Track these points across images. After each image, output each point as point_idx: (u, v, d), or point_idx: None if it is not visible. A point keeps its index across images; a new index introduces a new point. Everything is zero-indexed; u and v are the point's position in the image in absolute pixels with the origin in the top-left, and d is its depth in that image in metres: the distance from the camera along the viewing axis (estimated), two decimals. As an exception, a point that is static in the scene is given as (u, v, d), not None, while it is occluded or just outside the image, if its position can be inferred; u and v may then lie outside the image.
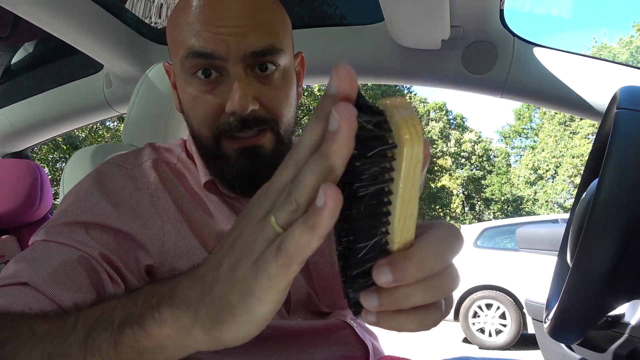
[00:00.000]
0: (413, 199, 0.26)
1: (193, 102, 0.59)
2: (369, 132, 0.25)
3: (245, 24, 0.55)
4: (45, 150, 9.14)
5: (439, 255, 0.27)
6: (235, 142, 0.59)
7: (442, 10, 0.99)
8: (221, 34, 0.55)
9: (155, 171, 0.63)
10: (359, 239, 0.27)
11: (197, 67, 0.57)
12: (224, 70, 0.57)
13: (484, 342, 4.82)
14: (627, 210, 0.53)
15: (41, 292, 0.46)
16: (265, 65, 0.58)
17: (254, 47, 0.56)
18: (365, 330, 0.74)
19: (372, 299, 0.28)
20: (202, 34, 0.55)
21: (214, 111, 0.58)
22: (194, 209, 0.62)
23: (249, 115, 0.56)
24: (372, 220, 0.26)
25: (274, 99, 0.59)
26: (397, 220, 0.26)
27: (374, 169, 0.25)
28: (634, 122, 0.56)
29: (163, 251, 0.59)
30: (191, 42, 0.56)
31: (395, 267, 0.26)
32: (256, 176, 0.60)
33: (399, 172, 0.25)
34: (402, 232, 0.27)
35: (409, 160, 0.25)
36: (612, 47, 22.39)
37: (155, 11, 1.36)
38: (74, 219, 0.54)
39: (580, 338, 0.66)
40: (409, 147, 0.24)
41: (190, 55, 0.56)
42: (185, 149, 0.69)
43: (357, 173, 0.25)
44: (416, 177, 0.26)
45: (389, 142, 0.25)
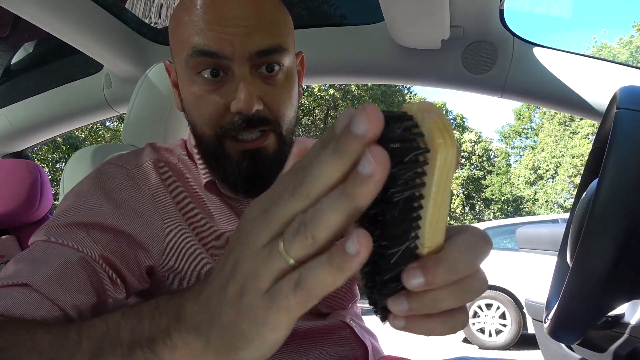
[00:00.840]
0: (445, 203, 0.26)
1: (197, 101, 0.59)
2: (402, 137, 0.24)
3: (250, 24, 0.55)
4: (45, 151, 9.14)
5: (469, 259, 0.28)
6: (239, 144, 0.59)
7: (442, 10, 0.99)
8: (226, 34, 0.55)
9: (156, 171, 0.62)
10: (392, 244, 0.26)
11: (202, 66, 0.57)
12: (229, 69, 0.57)
13: (484, 342, 4.82)
14: (627, 210, 0.53)
15: (41, 293, 0.46)
16: (272, 66, 0.58)
17: (258, 46, 0.56)
18: (365, 330, 0.74)
19: (401, 303, 0.28)
20: (206, 33, 0.55)
21: (218, 110, 0.58)
22: (194, 210, 0.62)
23: (253, 115, 0.56)
24: (404, 225, 0.26)
25: (277, 100, 0.59)
26: (428, 224, 0.26)
27: (408, 174, 0.25)
28: (634, 122, 0.56)
29: (164, 251, 0.59)
30: (196, 41, 0.56)
31: (427, 270, 0.26)
32: (259, 177, 0.60)
33: (431, 177, 0.25)
34: (433, 236, 0.27)
35: (442, 164, 0.25)
36: (612, 47, 22.40)
37: (155, 11, 1.36)
38: (75, 220, 0.53)
39: (580, 338, 0.66)
40: (442, 151, 0.24)
41: (195, 54, 0.56)
42: (185, 149, 0.69)
43: (392, 179, 0.24)
44: (448, 181, 0.26)
45: (422, 147, 0.25)
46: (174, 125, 1.02)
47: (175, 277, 0.60)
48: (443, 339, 5.31)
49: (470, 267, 0.28)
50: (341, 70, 1.27)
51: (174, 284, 0.60)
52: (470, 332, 4.90)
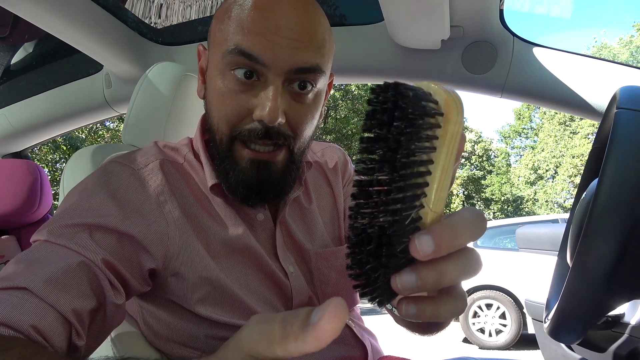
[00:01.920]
0: (450, 171, 0.28)
1: (222, 96, 0.58)
2: (415, 101, 0.26)
3: (299, 39, 0.54)
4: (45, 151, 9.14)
5: (470, 227, 0.29)
6: (250, 152, 0.58)
7: (442, 10, 0.99)
8: (272, 42, 0.54)
9: (162, 172, 0.62)
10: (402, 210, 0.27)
11: (238, 65, 0.56)
12: (263, 76, 0.56)
13: (484, 342, 4.82)
14: (627, 210, 0.53)
15: (40, 298, 0.46)
16: (304, 84, 0.57)
17: (301, 63, 0.55)
18: (364, 330, 0.74)
19: (410, 275, 0.29)
20: (253, 36, 0.54)
21: (240, 113, 0.57)
22: (199, 213, 0.62)
23: (273, 127, 0.56)
24: (414, 189, 0.27)
25: (300, 118, 0.59)
26: (435, 190, 0.28)
27: (422, 134, 0.26)
28: (634, 122, 0.56)
29: (167, 255, 0.58)
30: (238, 39, 0.55)
31: (435, 235, 0.27)
32: (260, 189, 0.60)
33: (443, 140, 0.26)
34: (438, 202, 0.28)
35: (453, 129, 0.26)
36: (612, 47, 22.39)
37: (155, 11, 1.36)
38: (78, 221, 0.53)
39: (580, 338, 0.66)
40: (454, 117, 0.26)
41: (234, 51, 0.55)
42: (192, 149, 0.68)
43: (406, 140, 0.26)
44: (455, 148, 0.27)
45: (435, 109, 0.26)
46: (174, 126, 1.01)
47: (177, 280, 0.59)
48: (443, 339, 5.30)
49: (471, 234, 0.29)
50: (341, 70, 1.27)
51: (176, 287, 0.60)
52: (470, 332, 4.90)
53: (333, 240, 0.73)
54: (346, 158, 0.82)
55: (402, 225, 0.27)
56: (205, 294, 0.60)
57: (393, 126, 0.26)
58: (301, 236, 0.69)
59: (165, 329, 0.62)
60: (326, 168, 0.78)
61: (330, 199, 0.76)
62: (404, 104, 0.26)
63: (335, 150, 0.82)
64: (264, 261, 0.64)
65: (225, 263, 0.61)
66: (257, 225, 0.66)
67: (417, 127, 0.26)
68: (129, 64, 1.36)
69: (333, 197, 0.76)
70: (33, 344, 0.43)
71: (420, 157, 0.26)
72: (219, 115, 0.59)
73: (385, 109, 0.27)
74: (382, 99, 0.27)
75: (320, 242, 0.71)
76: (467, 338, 4.97)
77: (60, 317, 0.46)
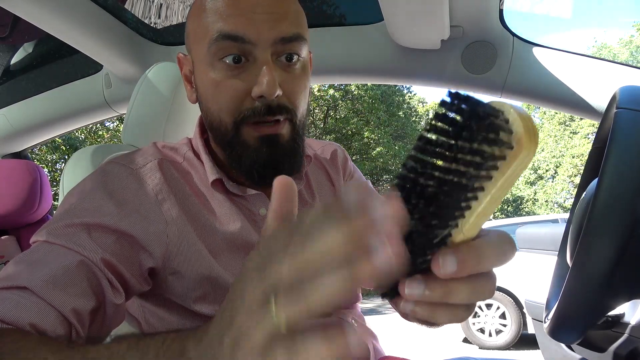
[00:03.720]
0: (499, 201, 0.26)
1: (216, 87, 0.59)
2: (494, 124, 0.24)
3: (276, 12, 0.57)
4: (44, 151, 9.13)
5: (497, 254, 0.29)
6: (256, 129, 0.59)
7: (442, 10, 0.99)
8: (253, 20, 0.56)
9: (160, 171, 0.62)
10: (439, 224, 0.26)
11: (225, 51, 0.57)
12: (251, 55, 0.58)
13: (484, 342, 4.82)
14: (626, 210, 0.53)
15: (40, 297, 0.46)
16: (291, 55, 0.59)
17: (284, 33, 0.57)
18: (365, 330, 0.74)
19: (418, 286, 0.28)
20: (234, 18, 0.56)
21: (239, 96, 0.59)
22: (199, 211, 0.62)
23: (273, 101, 0.57)
24: (454, 210, 0.26)
25: (294, 88, 0.60)
26: (475, 215, 0.26)
27: (483, 164, 0.25)
28: (634, 122, 0.56)
29: (166, 253, 0.58)
30: (221, 26, 0.57)
31: (461, 256, 0.27)
32: (275, 164, 0.61)
33: (502, 174, 0.25)
34: (474, 228, 0.27)
35: (517, 165, 0.25)
36: (612, 47, 22.39)
37: (154, 11, 1.36)
38: (77, 221, 0.53)
39: (580, 338, 0.66)
40: (523, 154, 0.24)
41: (219, 37, 0.57)
42: (191, 148, 0.69)
43: (464, 163, 0.25)
44: (513, 181, 0.26)
45: (506, 142, 0.24)
46: (173, 125, 1.01)
47: (177, 278, 0.59)
48: (443, 339, 5.30)
49: (496, 261, 0.29)
50: (341, 70, 1.27)
51: (176, 286, 0.60)
52: (470, 332, 4.89)
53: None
54: (345, 155, 0.83)
55: (429, 240, 0.26)
56: (205, 292, 0.60)
57: (456, 144, 0.25)
58: None
59: (167, 328, 0.62)
60: (326, 163, 0.79)
61: (332, 193, 0.76)
62: (475, 126, 0.24)
63: (334, 147, 0.83)
64: None
65: (226, 259, 0.62)
66: (260, 220, 0.66)
67: (480, 156, 0.24)
68: (129, 64, 1.36)
69: (334, 192, 0.76)
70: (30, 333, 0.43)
71: (472, 183, 0.25)
72: (219, 106, 0.60)
73: (455, 123, 0.25)
74: (456, 109, 0.25)
75: None
76: (467, 338, 4.97)
77: (60, 317, 0.46)
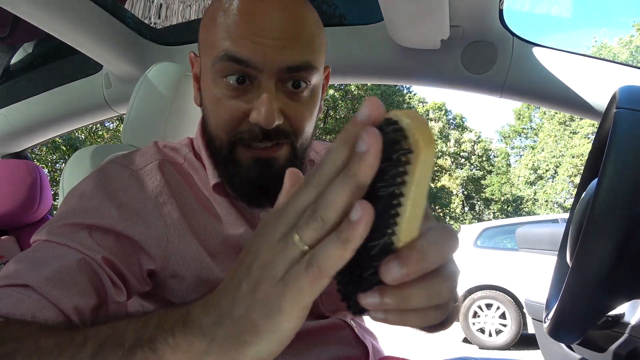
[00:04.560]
0: (421, 202, 0.28)
1: (217, 103, 0.58)
2: (390, 137, 0.27)
3: (286, 38, 0.54)
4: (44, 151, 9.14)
5: (439, 249, 0.29)
6: (251, 151, 0.58)
7: (442, 10, 0.99)
8: (260, 44, 0.53)
9: (160, 173, 0.61)
10: (372, 237, 0.28)
11: (229, 71, 0.56)
12: (255, 79, 0.56)
13: (484, 342, 4.82)
14: (626, 210, 0.53)
15: (41, 294, 0.46)
16: (298, 83, 0.57)
17: (290, 62, 0.55)
18: (365, 330, 0.74)
19: (373, 297, 0.29)
20: (240, 40, 0.54)
21: (237, 117, 0.57)
22: (199, 213, 0.61)
23: (272, 128, 0.56)
24: (384, 220, 0.28)
25: (299, 116, 0.58)
26: (405, 220, 0.28)
27: (393, 171, 0.27)
28: (633, 122, 0.56)
29: (166, 256, 0.58)
30: (227, 45, 0.55)
31: (403, 260, 0.28)
32: (265, 187, 0.59)
33: (412, 176, 0.27)
34: (408, 232, 0.29)
35: (422, 165, 0.27)
36: (612, 47, 22.39)
37: (154, 11, 1.36)
38: (77, 221, 0.53)
39: (580, 338, 0.66)
40: (423, 154, 0.27)
41: (224, 57, 0.55)
42: (192, 149, 0.68)
43: (379, 174, 0.27)
44: (426, 181, 0.28)
45: (406, 147, 0.27)
46: (173, 126, 1.01)
47: (176, 281, 0.59)
48: (443, 339, 5.30)
49: (439, 257, 0.29)
50: (341, 70, 1.27)
51: (175, 288, 0.60)
52: (470, 332, 4.90)
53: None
54: None
55: (369, 252, 0.29)
56: (204, 295, 0.60)
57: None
58: None
59: None
60: None
61: None
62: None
63: None
64: None
65: (226, 262, 0.61)
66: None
67: (388, 163, 0.27)
68: (129, 64, 1.36)
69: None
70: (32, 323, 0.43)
71: (387, 190, 0.28)
72: (216, 122, 0.59)
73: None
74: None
75: None
76: (467, 338, 4.97)
77: (61, 314, 0.46)
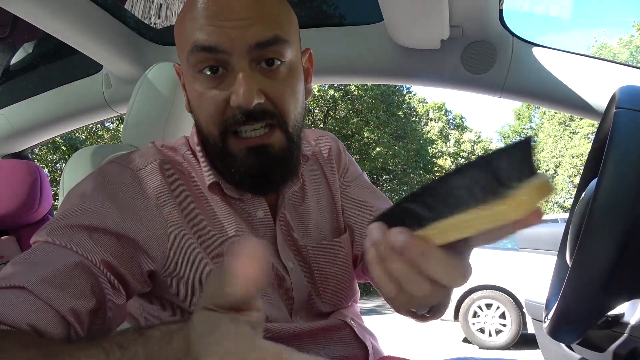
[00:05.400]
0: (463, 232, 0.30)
1: (200, 98, 0.59)
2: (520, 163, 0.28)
3: (249, 16, 0.55)
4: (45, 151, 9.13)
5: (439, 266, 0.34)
6: (243, 140, 0.58)
7: (441, 10, 0.99)
8: (224, 27, 0.54)
9: (161, 173, 0.62)
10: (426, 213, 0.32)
11: (202, 63, 0.57)
12: (228, 64, 0.56)
13: (484, 342, 4.81)
14: (626, 210, 0.53)
15: (38, 296, 0.46)
16: (271, 60, 0.57)
17: (258, 38, 0.55)
18: (365, 330, 0.74)
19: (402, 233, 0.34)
20: (205, 28, 0.55)
21: (220, 106, 0.58)
22: (198, 214, 0.62)
23: (254, 108, 0.56)
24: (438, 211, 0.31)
25: (280, 93, 0.58)
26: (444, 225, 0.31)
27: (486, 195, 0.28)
28: (633, 122, 0.56)
29: (166, 257, 0.58)
30: (196, 37, 0.56)
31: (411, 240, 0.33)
32: (264, 174, 0.60)
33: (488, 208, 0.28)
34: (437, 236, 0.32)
35: (499, 214, 0.28)
36: (612, 47, 22.38)
37: (154, 11, 1.36)
38: (78, 222, 0.53)
39: (579, 338, 0.66)
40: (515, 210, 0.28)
41: (194, 49, 0.56)
42: (190, 148, 0.68)
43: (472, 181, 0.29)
44: (492, 225, 0.29)
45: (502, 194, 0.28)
46: (173, 126, 1.02)
47: (177, 282, 0.60)
48: (443, 339, 5.30)
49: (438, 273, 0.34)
50: (340, 70, 1.27)
51: (175, 289, 0.60)
52: (470, 332, 4.89)
53: (332, 232, 0.73)
54: (339, 147, 0.81)
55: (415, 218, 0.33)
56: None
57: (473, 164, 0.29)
58: (298, 232, 0.69)
59: None
60: (321, 159, 0.77)
61: (327, 191, 0.75)
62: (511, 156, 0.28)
63: (329, 140, 0.81)
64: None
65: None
66: (257, 223, 0.65)
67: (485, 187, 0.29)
68: (129, 64, 1.36)
69: (329, 190, 0.75)
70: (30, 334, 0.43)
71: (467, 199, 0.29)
72: (204, 117, 0.60)
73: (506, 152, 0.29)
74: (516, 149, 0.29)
75: (317, 235, 0.71)
76: (467, 338, 4.97)
77: (58, 316, 0.46)
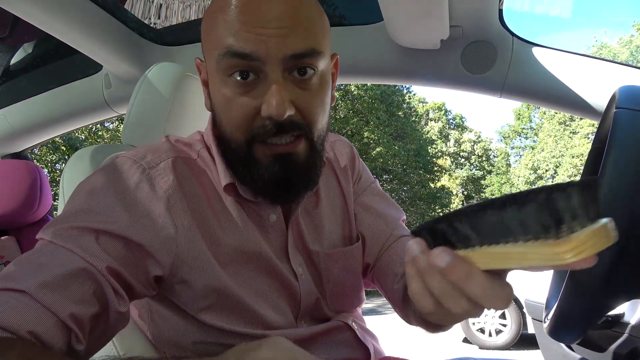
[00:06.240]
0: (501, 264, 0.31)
1: (228, 103, 0.57)
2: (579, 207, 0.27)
3: (286, 26, 0.53)
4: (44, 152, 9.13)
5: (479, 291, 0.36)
6: (269, 147, 0.57)
7: (441, 10, 0.99)
8: (261, 35, 0.53)
9: (173, 172, 0.60)
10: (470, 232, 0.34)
11: (234, 67, 0.55)
12: (261, 72, 0.55)
13: (484, 342, 4.81)
14: (626, 210, 0.53)
15: (39, 302, 0.45)
16: (304, 70, 0.56)
17: (294, 49, 0.54)
18: (366, 332, 0.74)
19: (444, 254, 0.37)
20: (241, 34, 0.53)
21: (249, 114, 0.56)
22: (209, 217, 0.60)
23: (285, 120, 0.54)
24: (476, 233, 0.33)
25: (310, 105, 0.57)
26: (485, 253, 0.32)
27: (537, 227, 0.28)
28: (633, 122, 0.56)
29: (174, 262, 0.57)
30: (229, 42, 0.54)
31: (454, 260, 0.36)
32: (288, 183, 0.58)
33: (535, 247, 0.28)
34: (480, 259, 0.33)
35: (546, 255, 0.28)
36: (612, 47, 22.38)
37: (154, 11, 1.36)
38: (85, 224, 0.52)
39: (580, 337, 0.66)
40: (568, 255, 0.27)
41: (227, 54, 0.54)
42: (205, 145, 0.67)
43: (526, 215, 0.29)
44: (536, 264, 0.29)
45: (561, 235, 0.28)
46: (173, 126, 1.01)
47: (184, 288, 0.59)
48: (443, 339, 5.30)
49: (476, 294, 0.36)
50: (341, 70, 1.26)
51: (183, 295, 0.59)
52: (470, 332, 4.89)
53: (343, 240, 0.72)
54: (354, 153, 0.80)
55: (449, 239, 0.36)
56: (212, 303, 0.60)
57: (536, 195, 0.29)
58: (310, 237, 0.68)
59: (172, 331, 0.62)
60: (336, 166, 0.76)
61: (341, 198, 0.74)
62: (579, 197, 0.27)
63: (344, 145, 0.80)
64: (275, 265, 0.63)
65: (234, 269, 0.61)
66: (269, 227, 0.65)
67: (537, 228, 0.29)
68: (129, 65, 1.36)
69: (343, 197, 0.74)
70: (34, 345, 0.43)
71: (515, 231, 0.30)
72: (230, 123, 0.58)
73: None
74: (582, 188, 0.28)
75: (329, 242, 0.70)
76: (467, 338, 4.97)
77: (58, 322, 0.46)
